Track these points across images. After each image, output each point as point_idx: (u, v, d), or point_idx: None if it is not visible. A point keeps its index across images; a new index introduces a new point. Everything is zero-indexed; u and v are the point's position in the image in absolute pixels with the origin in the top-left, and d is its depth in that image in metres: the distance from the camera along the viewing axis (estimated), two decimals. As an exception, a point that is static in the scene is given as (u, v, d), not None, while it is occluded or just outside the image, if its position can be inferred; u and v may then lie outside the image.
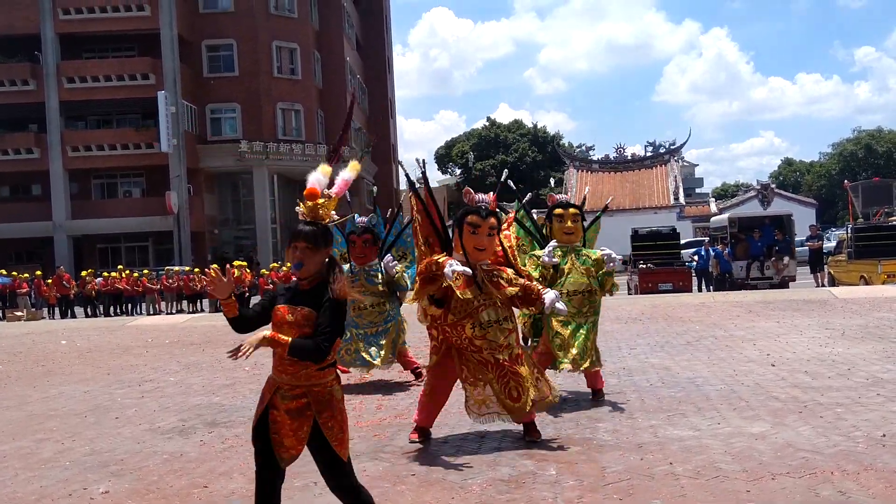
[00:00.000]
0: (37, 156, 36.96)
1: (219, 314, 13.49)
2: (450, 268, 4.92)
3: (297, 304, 3.30)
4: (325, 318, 3.21)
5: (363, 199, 35.86)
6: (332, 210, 3.44)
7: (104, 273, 26.96)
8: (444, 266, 4.97)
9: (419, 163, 5.83)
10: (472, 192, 5.35)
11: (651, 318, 12.67)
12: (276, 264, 26.88)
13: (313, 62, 40.46)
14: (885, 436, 4.99)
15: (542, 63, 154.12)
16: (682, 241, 24.88)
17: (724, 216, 24.46)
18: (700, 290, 20.70)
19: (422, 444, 5.39)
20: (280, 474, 3.40)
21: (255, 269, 28.12)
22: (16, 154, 37.04)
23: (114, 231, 37.16)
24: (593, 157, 50.11)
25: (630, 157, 47.18)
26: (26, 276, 25.85)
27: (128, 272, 26.42)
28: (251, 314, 3.42)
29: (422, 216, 5.45)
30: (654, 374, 7.47)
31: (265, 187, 37.79)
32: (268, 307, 3.39)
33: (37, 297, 25.67)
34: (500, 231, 5.41)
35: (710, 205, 45.03)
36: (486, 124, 69.22)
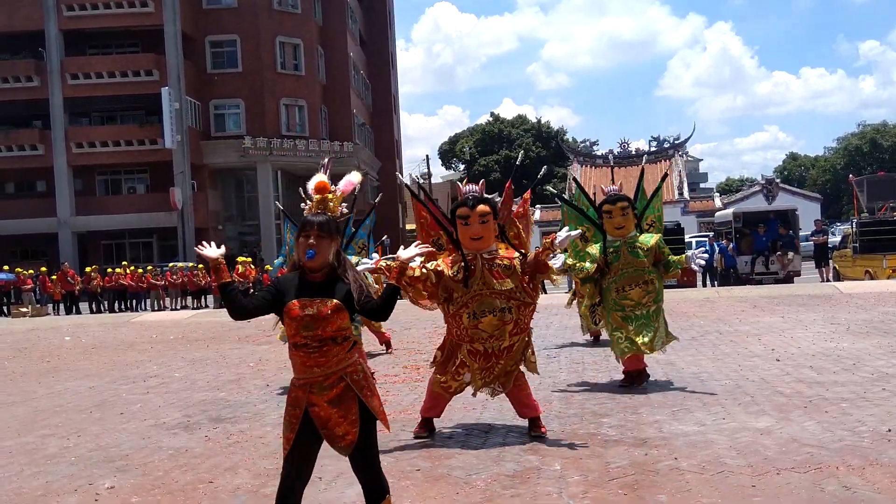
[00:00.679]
0: (41, 152, 36.93)
1: (223, 310, 13.50)
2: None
3: (313, 297, 3.26)
4: (366, 292, 3.29)
5: (367, 195, 35.85)
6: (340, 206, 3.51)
7: (108, 269, 26.99)
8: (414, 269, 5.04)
9: (418, 178, 5.94)
10: (460, 185, 5.44)
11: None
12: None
13: (317, 58, 40.38)
14: (890, 431, 4.98)
15: (545, 58, 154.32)
16: (687, 237, 24.82)
17: (729, 211, 24.38)
18: (704, 285, 20.68)
19: (426, 439, 5.39)
20: (306, 482, 3.39)
21: (259, 265, 28.13)
22: (20, 150, 36.99)
23: (118, 227, 37.16)
24: (597, 153, 50.03)
25: (634, 152, 47.09)
26: (31, 272, 25.85)
27: (132, 268, 26.43)
28: (251, 304, 3.40)
29: (428, 219, 5.57)
30: (659, 370, 7.46)
31: (269, 183, 37.73)
32: (272, 301, 3.35)
33: (41, 293, 25.75)
34: (497, 215, 5.38)
35: (715, 200, 44.94)
36: (490, 120, 69.25)
